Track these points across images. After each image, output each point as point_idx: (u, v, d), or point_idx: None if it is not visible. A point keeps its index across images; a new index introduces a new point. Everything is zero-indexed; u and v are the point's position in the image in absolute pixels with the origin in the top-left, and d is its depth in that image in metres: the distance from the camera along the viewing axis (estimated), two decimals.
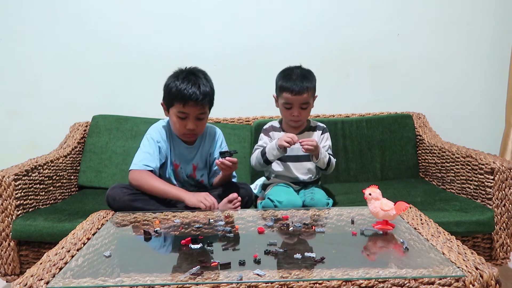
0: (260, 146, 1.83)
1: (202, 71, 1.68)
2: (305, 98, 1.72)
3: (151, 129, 1.72)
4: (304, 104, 1.74)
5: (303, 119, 1.80)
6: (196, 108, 1.60)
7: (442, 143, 2.06)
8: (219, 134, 1.81)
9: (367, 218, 1.40)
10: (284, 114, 1.80)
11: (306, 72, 1.77)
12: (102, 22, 2.32)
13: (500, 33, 2.38)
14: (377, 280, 0.96)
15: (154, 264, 1.12)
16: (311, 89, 1.74)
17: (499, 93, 2.41)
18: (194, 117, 1.62)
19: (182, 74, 1.63)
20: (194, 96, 1.57)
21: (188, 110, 1.60)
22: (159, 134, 1.69)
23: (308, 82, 1.73)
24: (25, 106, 2.36)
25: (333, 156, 1.82)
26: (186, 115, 1.61)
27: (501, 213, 1.66)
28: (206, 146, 1.76)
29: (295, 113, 1.75)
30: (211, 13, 2.33)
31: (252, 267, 1.02)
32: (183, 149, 1.72)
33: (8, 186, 1.61)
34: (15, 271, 1.66)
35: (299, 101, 1.72)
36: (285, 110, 1.77)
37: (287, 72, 1.78)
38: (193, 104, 1.59)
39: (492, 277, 0.97)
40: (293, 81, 1.72)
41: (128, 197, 1.54)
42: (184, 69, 1.66)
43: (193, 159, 1.73)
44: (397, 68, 2.39)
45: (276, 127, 1.86)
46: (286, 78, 1.74)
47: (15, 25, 2.31)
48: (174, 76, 1.64)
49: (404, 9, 2.35)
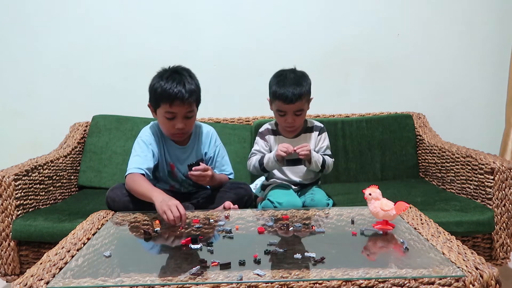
0: (257, 151, 1.81)
1: (186, 69, 1.65)
2: (298, 106, 1.68)
3: (142, 132, 1.69)
4: (298, 111, 1.70)
5: (297, 125, 1.76)
6: (183, 107, 1.57)
7: (442, 143, 2.06)
8: (212, 132, 1.78)
9: (367, 218, 1.40)
10: (279, 121, 1.77)
11: (299, 77, 1.71)
12: (102, 22, 2.32)
13: (500, 33, 2.38)
14: (377, 280, 0.96)
15: (154, 264, 1.12)
16: (305, 95, 1.69)
17: (499, 93, 2.41)
18: (182, 116, 1.59)
19: (166, 73, 1.60)
20: (180, 95, 1.54)
21: (175, 110, 1.57)
22: (150, 137, 1.66)
23: (301, 88, 1.67)
24: (25, 106, 2.36)
25: (330, 156, 1.80)
26: (174, 114, 1.59)
27: (501, 213, 1.66)
28: (200, 146, 1.74)
29: (289, 120, 1.71)
30: (211, 13, 2.32)
31: (252, 267, 1.02)
32: (175, 149, 1.70)
33: (8, 186, 1.61)
34: (15, 271, 1.66)
35: (293, 109, 1.69)
36: (279, 117, 1.74)
37: (280, 77, 1.72)
38: (180, 103, 1.56)
39: (492, 277, 0.97)
40: (286, 88, 1.66)
41: (127, 198, 1.54)
42: (167, 69, 1.64)
43: (188, 159, 1.71)
44: (397, 68, 2.39)
45: (272, 130, 1.83)
46: (279, 85, 1.69)
47: (15, 25, 2.31)
48: (158, 76, 1.61)
49: (404, 9, 2.35)
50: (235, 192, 1.64)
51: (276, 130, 1.83)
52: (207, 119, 2.24)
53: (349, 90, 2.40)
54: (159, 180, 1.73)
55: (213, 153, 1.75)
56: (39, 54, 2.33)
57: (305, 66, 2.43)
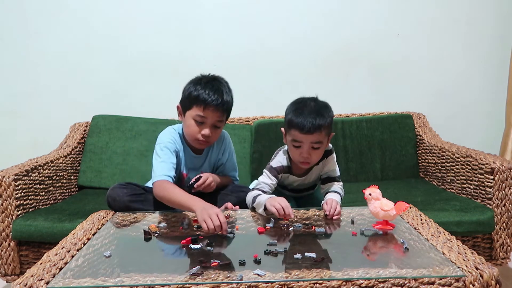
0: (264, 185, 1.55)
1: (225, 80, 1.63)
2: (316, 138, 1.46)
3: (164, 138, 1.62)
4: (316, 144, 1.47)
5: (314, 161, 1.53)
6: (215, 114, 1.55)
7: (442, 143, 2.06)
8: (226, 137, 1.75)
9: (367, 218, 1.40)
10: (292, 154, 1.53)
11: (321, 107, 1.49)
12: (102, 22, 2.32)
13: (500, 33, 2.38)
14: (377, 280, 0.96)
15: (154, 264, 1.12)
16: (326, 128, 1.47)
17: (499, 93, 2.41)
18: (211, 123, 1.56)
19: (205, 79, 1.59)
20: (216, 101, 1.53)
21: (207, 115, 1.55)
22: (174, 144, 1.61)
23: (322, 119, 1.45)
24: (26, 106, 2.36)
25: (339, 178, 1.63)
26: (204, 119, 1.55)
27: (501, 213, 1.66)
28: (214, 153, 1.72)
29: (305, 154, 1.48)
30: (211, 13, 2.32)
31: (252, 267, 1.02)
32: (192, 158, 1.67)
33: (8, 186, 1.61)
34: (15, 271, 1.66)
35: (310, 140, 1.46)
36: (294, 149, 1.51)
37: (299, 105, 1.50)
38: (214, 109, 1.54)
39: (492, 277, 0.97)
40: (304, 117, 1.45)
41: (128, 198, 1.54)
42: (207, 75, 1.62)
43: (201, 167, 1.69)
44: (397, 68, 2.39)
45: (285, 167, 1.59)
46: (297, 112, 1.47)
47: (15, 25, 2.31)
48: (196, 80, 1.59)
49: (404, 9, 2.35)
50: (237, 195, 1.63)
51: (290, 168, 1.60)
52: None
53: (349, 90, 2.40)
54: None
55: (225, 159, 1.73)
56: (39, 54, 2.33)
57: (305, 66, 2.44)
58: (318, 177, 1.66)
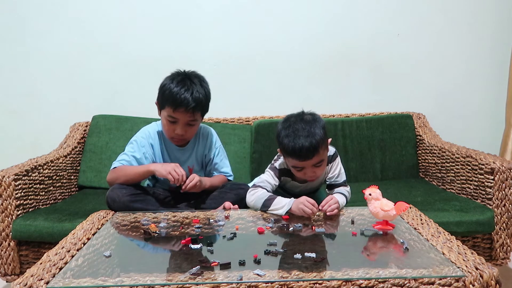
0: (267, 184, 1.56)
1: (199, 76, 1.62)
2: (316, 159, 1.46)
3: (140, 133, 1.69)
4: (318, 163, 1.48)
5: (320, 175, 1.54)
6: (186, 115, 1.56)
7: (442, 143, 2.06)
8: (212, 134, 1.77)
9: (367, 218, 1.40)
10: (297, 175, 1.54)
11: (310, 125, 1.46)
12: (102, 23, 2.32)
13: (500, 33, 2.38)
14: (377, 280, 0.96)
15: (154, 264, 1.12)
16: (321, 145, 1.45)
17: (499, 93, 2.41)
18: (183, 123, 1.58)
19: (178, 77, 1.59)
20: (186, 102, 1.53)
21: (178, 116, 1.56)
22: (146, 139, 1.66)
23: (315, 138, 1.43)
24: (25, 106, 2.36)
25: (345, 182, 1.63)
26: (176, 120, 1.58)
27: (501, 213, 1.66)
28: (200, 147, 1.73)
29: (309, 174, 1.50)
30: (211, 13, 2.32)
31: (252, 267, 1.02)
32: (175, 151, 1.70)
33: (8, 186, 1.61)
34: (15, 271, 1.66)
35: (311, 164, 1.47)
36: (297, 172, 1.52)
37: (288, 130, 1.47)
38: (183, 111, 1.55)
39: (492, 277, 0.97)
40: (298, 144, 1.42)
41: (127, 198, 1.54)
42: (181, 72, 1.62)
43: (187, 161, 1.71)
44: (397, 68, 2.39)
45: (288, 171, 1.58)
46: (289, 139, 1.44)
47: (15, 25, 2.31)
48: (170, 78, 1.60)
49: (404, 9, 2.35)
50: (236, 193, 1.64)
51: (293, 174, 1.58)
52: (207, 119, 2.24)
53: (349, 90, 2.40)
54: (158, 180, 1.72)
55: (212, 155, 1.75)
56: (39, 54, 2.33)
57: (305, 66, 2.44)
58: (321, 182, 1.66)
